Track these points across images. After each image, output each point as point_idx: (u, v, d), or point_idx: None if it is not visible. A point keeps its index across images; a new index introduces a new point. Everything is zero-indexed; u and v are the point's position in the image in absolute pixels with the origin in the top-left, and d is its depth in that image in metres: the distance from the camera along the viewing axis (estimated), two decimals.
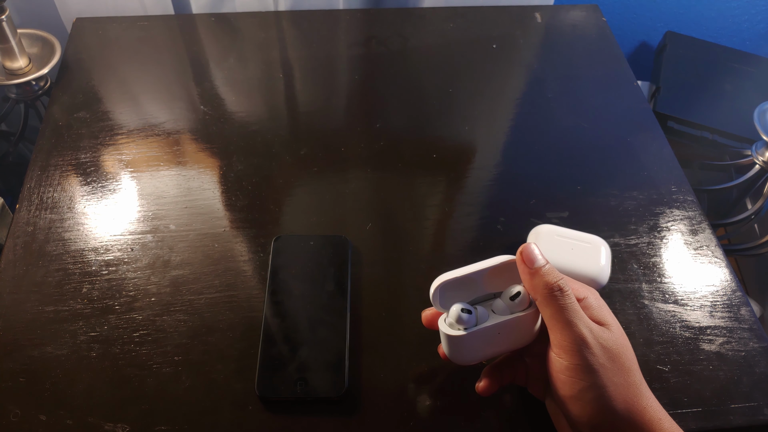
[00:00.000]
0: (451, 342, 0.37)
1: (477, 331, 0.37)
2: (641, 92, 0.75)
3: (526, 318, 0.38)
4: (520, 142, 0.69)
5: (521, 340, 0.39)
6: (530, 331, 0.39)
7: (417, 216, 0.60)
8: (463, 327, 0.37)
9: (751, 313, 0.55)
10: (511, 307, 0.38)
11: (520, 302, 0.38)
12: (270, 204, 0.60)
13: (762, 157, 1.03)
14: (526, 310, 0.38)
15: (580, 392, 0.35)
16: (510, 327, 0.38)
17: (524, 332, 0.39)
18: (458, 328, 0.37)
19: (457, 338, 0.37)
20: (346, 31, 0.81)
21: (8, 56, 0.74)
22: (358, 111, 0.71)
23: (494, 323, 0.37)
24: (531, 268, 0.37)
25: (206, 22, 0.80)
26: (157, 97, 0.70)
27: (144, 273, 0.54)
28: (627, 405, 0.35)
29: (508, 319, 0.38)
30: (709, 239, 0.60)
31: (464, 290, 0.39)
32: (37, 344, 0.49)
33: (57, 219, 0.58)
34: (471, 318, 0.37)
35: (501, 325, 0.38)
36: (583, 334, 0.35)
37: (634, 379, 0.36)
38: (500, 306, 0.38)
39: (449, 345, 0.38)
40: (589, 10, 0.86)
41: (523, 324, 0.38)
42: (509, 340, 0.39)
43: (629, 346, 0.38)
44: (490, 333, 0.37)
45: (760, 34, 1.38)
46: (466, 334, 0.37)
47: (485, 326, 0.37)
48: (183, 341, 0.50)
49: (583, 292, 0.39)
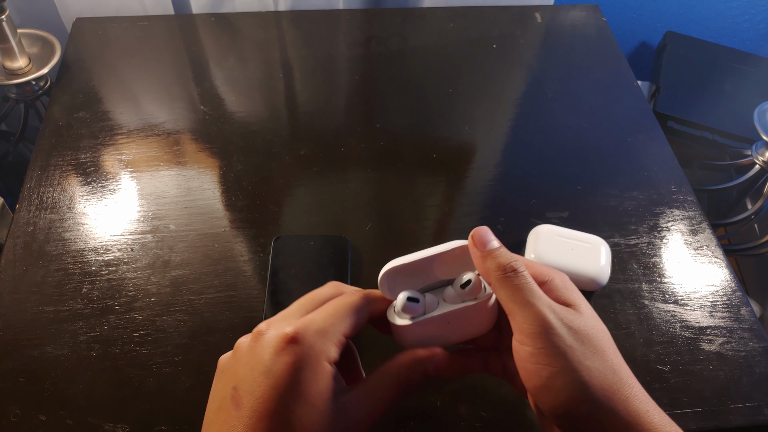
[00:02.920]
0: (398, 332, 0.35)
1: (424, 321, 0.34)
2: (641, 92, 0.75)
3: (478, 307, 0.35)
4: (520, 142, 0.69)
5: (474, 330, 0.36)
6: (484, 321, 0.36)
7: (417, 216, 0.60)
8: (410, 316, 0.35)
9: (751, 313, 0.55)
10: (462, 295, 0.35)
11: (471, 290, 0.35)
12: (270, 204, 0.60)
13: (762, 157, 1.03)
14: (478, 298, 0.35)
15: (549, 380, 0.30)
16: (460, 317, 0.35)
17: (477, 322, 0.36)
18: (405, 318, 0.35)
19: (403, 328, 0.34)
20: (346, 31, 0.81)
21: (8, 56, 0.74)
22: (358, 111, 0.71)
23: (443, 312, 0.35)
24: (483, 251, 0.33)
25: (206, 22, 0.80)
26: (157, 97, 0.70)
27: (144, 273, 0.54)
28: (606, 393, 0.30)
29: (458, 308, 0.35)
30: (709, 239, 0.60)
31: (415, 278, 0.36)
32: (37, 344, 0.49)
33: (57, 219, 0.57)
34: (418, 307, 0.34)
35: (450, 314, 0.35)
36: (544, 313, 0.31)
37: (612, 363, 0.31)
38: (451, 294, 0.36)
39: (396, 335, 0.35)
40: (589, 10, 0.86)
41: (474, 314, 0.35)
42: (461, 331, 0.36)
43: (605, 329, 0.33)
44: (439, 323, 0.35)
45: (760, 34, 1.38)
46: (411, 323, 0.34)
47: (433, 316, 0.35)
48: (183, 341, 0.50)
49: (547, 275, 0.34)
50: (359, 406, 0.30)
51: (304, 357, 0.29)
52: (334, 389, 0.29)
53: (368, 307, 0.34)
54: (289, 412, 0.28)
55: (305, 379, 0.28)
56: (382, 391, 0.31)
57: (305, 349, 0.29)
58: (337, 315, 0.32)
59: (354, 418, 0.29)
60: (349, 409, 0.29)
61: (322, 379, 0.29)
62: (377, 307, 0.34)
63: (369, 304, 0.34)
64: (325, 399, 0.29)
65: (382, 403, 0.31)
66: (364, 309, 0.33)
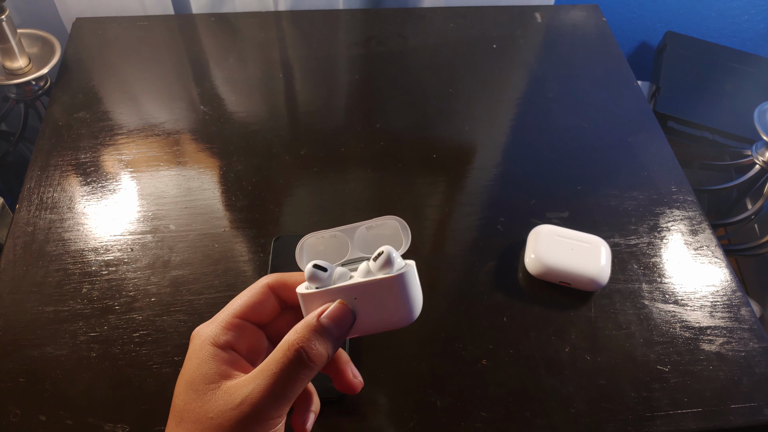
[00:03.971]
0: (302, 301, 0.32)
1: (329, 291, 0.31)
2: (641, 92, 0.75)
3: (389, 284, 0.31)
4: (520, 142, 0.69)
5: (385, 316, 0.32)
6: (394, 305, 0.31)
7: (417, 216, 0.60)
8: (316, 286, 0.32)
9: (752, 314, 0.55)
10: (374, 270, 0.32)
11: (383, 264, 0.31)
12: (270, 204, 0.60)
13: (762, 157, 1.03)
14: (389, 273, 0.31)
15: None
16: (369, 293, 0.31)
17: (388, 305, 0.32)
18: (312, 288, 0.32)
19: (307, 296, 0.32)
20: (346, 31, 0.81)
21: (8, 56, 0.74)
22: (358, 111, 0.71)
23: (348, 284, 0.32)
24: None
25: (206, 22, 0.80)
26: (157, 97, 0.70)
27: (144, 273, 0.54)
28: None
29: (366, 281, 0.31)
30: (709, 239, 0.60)
31: (336, 253, 0.34)
32: (37, 344, 0.49)
33: (57, 219, 0.57)
34: (325, 277, 0.32)
35: (357, 287, 0.31)
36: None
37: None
38: (364, 270, 0.32)
39: (302, 305, 0.32)
40: (589, 10, 0.86)
41: (385, 293, 0.31)
42: (370, 314, 0.32)
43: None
44: (346, 296, 0.31)
45: (760, 34, 1.38)
46: (315, 291, 0.31)
47: (338, 286, 0.31)
48: (183, 342, 0.50)
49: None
50: (247, 383, 0.28)
51: (194, 347, 0.30)
52: (218, 370, 0.29)
53: (267, 282, 0.33)
54: (181, 399, 0.29)
55: (191, 367, 0.30)
56: (273, 364, 0.28)
57: (196, 340, 0.30)
58: (231, 301, 0.32)
59: (240, 395, 0.28)
60: (239, 386, 0.28)
61: (204, 363, 0.29)
62: (289, 280, 0.33)
63: (275, 279, 0.33)
64: (207, 381, 0.29)
65: (274, 375, 0.28)
66: (258, 287, 0.32)
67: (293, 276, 0.33)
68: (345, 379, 0.33)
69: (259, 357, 0.32)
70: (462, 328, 0.52)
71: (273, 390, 0.28)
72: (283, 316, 0.34)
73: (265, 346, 0.33)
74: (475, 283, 0.55)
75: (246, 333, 0.31)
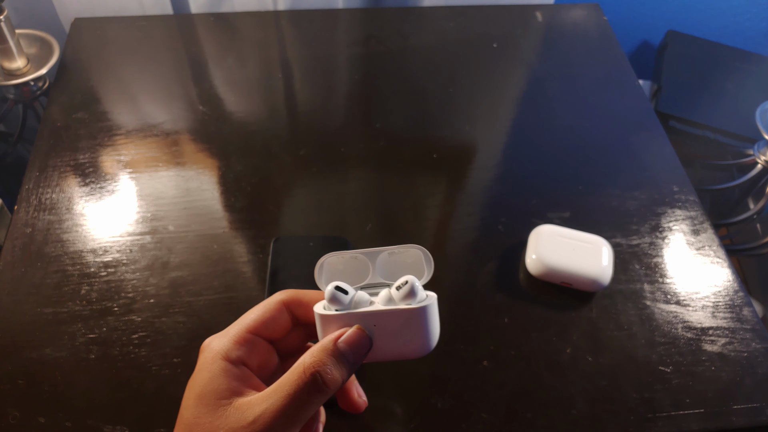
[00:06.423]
0: (320, 322, 0.32)
1: (348, 315, 0.31)
2: (643, 91, 0.75)
3: (409, 315, 0.31)
4: (521, 141, 0.68)
5: (402, 345, 0.32)
6: (414, 336, 0.31)
7: (417, 216, 0.60)
8: (336, 308, 0.31)
9: (754, 314, 0.54)
10: (396, 299, 0.31)
11: (406, 294, 0.31)
12: (269, 205, 0.60)
13: (764, 157, 1.03)
14: (411, 304, 0.31)
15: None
16: (388, 322, 0.31)
17: (406, 335, 0.31)
18: (331, 309, 0.32)
19: (324, 317, 0.31)
20: (346, 31, 0.80)
21: (6, 57, 0.73)
22: (358, 111, 0.71)
23: (369, 311, 0.31)
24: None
25: (205, 22, 0.80)
26: (156, 97, 0.70)
27: (143, 274, 0.54)
28: None
29: (386, 309, 0.31)
30: (711, 239, 0.60)
31: (357, 275, 0.34)
32: (35, 346, 0.49)
33: (55, 220, 0.57)
34: (346, 299, 0.31)
35: (377, 315, 0.31)
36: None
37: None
38: (385, 296, 0.32)
39: (318, 325, 0.32)
40: (590, 9, 0.86)
41: (404, 323, 0.31)
42: (388, 342, 0.31)
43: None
44: (365, 322, 0.31)
45: (762, 33, 1.37)
46: (334, 314, 0.31)
47: (358, 311, 0.31)
48: (182, 343, 0.50)
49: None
50: (260, 401, 0.28)
51: (204, 360, 0.30)
52: (230, 386, 0.29)
53: (282, 298, 0.32)
54: (190, 413, 0.29)
55: (201, 380, 0.29)
56: (287, 385, 0.28)
57: (207, 353, 0.30)
58: (243, 316, 0.32)
59: (252, 413, 0.28)
60: (252, 404, 0.28)
61: (216, 378, 0.29)
62: (304, 298, 0.33)
63: (290, 296, 0.33)
64: (218, 396, 0.29)
65: (288, 397, 0.28)
66: (272, 302, 0.32)
67: (308, 294, 0.33)
68: (350, 398, 0.33)
69: (270, 373, 0.32)
70: (463, 329, 0.52)
71: (286, 411, 0.28)
72: (293, 332, 0.34)
73: (275, 361, 0.33)
74: (476, 284, 0.55)
75: (257, 348, 0.31)
